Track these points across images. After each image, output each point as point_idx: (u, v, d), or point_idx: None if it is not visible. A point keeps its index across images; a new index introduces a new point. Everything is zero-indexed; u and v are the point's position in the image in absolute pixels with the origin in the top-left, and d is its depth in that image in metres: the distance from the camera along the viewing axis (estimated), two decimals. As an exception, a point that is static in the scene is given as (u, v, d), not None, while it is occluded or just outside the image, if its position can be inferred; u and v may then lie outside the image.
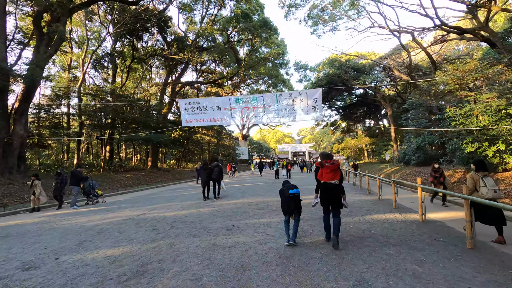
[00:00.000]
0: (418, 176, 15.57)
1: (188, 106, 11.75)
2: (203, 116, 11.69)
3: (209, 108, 11.55)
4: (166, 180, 20.38)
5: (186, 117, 11.92)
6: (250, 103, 11.11)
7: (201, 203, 8.93)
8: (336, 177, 4.36)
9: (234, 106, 11.27)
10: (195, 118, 11.81)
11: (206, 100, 11.81)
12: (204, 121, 11.79)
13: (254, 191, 11.92)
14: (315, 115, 10.62)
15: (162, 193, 13.02)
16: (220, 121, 11.70)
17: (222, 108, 11.39)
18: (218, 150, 36.98)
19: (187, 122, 11.95)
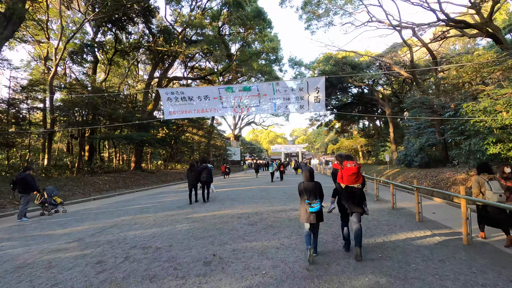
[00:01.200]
0: (424, 179, 14.28)
1: (171, 96, 10.07)
2: (189, 107, 10.05)
3: (196, 98, 9.93)
4: (149, 183, 18.58)
5: (169, 109, 10.25)
6: (242, 92, 9.53)
7: (179, 215, 7.27)
8: (358, 180, 3.98)
9: (225, 95, 9.68)
10: (180, 109, 10.17)
11: (192, 90, 10.17)
12: (191, 112, 10.14)
13: (246, 197, 10.33)
14: (318, 106, 9.11)
15: (139, 199, 11.30)
16: (210, 111, 10.06)
17: (210, 98, 9.78)
18: (209, 150, 35.21)
19: (171, 115, 10.28)
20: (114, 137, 16.52)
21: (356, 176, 3.95)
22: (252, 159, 63.87)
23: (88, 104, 15.81)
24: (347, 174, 3.95)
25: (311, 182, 4.07)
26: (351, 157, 4.18)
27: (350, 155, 4.28)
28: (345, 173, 3.98)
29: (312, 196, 3.93)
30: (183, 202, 9.45)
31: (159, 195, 12.58)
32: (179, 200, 10.12)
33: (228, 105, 9.78)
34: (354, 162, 4.02)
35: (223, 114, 10.14)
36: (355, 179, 3.96)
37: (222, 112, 9.93)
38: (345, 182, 4.00)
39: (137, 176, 19.33)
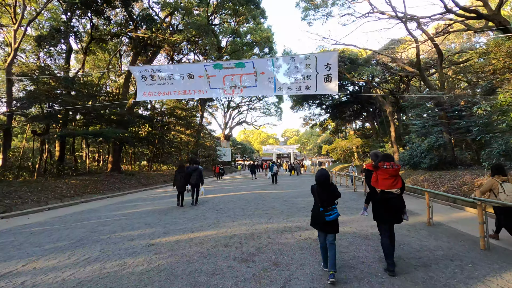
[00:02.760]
0: (438, 183, 12.58)
1: (146, 74, 7.99)
2: (168, 88, 8.01)
3: (177, 77, 7.90)
4: (127, 186, 16.28)
5: (143, 89, 8.19)
6: (235, 70, 7.52)
7: (141, 239, 5.12)
8: (397, 184, 3.44)
9: (213, 74, 7.67)
10: (157, 90, 8.11)
11: (172, 67, 8.12)
12: (170, 94, 8.10)
13: (238, 208, 8.28)
14: (328, 87, 7.23)
15: (104, 209, 9.08)
16: (194, 93, 8.05)
17: (195, 76, 7.77)
18: (197, 150, 32.95)
19: (145, 96, 8.20)
20: (80, 134, 14.15)
21: (395, 179, 3.47)
22: (244, 160, 61.85)
23: (52, 95, 13.44)
24: (383, 177, 3.47)
25: (326, 186, 3.42)
26: (390, 156, 3.64)
27: (389, 154, 3.77)
28: (380, 176, 3.50)
29: (328, 202, 3.37)
30: (155, 216, 7.34)
31: (132, 203, 10.37)
32: (151, 212, 7.99)
33: (217, 85, 7.78)
34: (392, 163, 3.51)
35: (211, 96, 8.20)
36: (393, 183, 3.45)
37: (210, 93, 7.91)
38: (381, 186, 3.49)
39: (113, 179, 16.98)
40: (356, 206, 8.41)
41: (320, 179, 3.41)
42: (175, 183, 8.90)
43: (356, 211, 7.53)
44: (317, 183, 3.44)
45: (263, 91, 7.81)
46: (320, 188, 3.41)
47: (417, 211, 7.41)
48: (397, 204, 3.48)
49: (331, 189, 3.42)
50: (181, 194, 8.95)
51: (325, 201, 3.35)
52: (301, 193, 11.88)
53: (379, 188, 3.52)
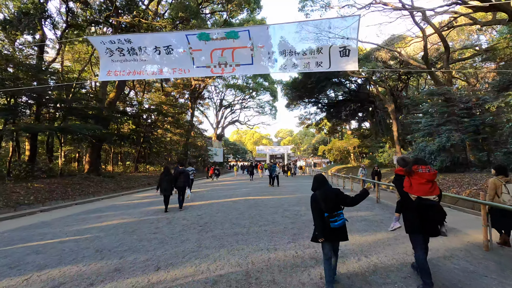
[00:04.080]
0: (458, 187, 11.09)
1: (112, 47, 6.17)
2: (140, 66, 6.25)
3: (151, 52, 6.14)
4: (103, 190, 14.31)
5: (108, 67, 6.38)
6: (225, 42, 5.79)
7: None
8: (435, 190, 3.07)
9: (198, 47, 5.93)
10: (127, 68, 6.32)
11: (146, 38, 6.26)
12: (143, 73, 6.35)
13: (229, 223, 6.49)
14: (347, 62, 5.68)
15: (60, 222, 7.16)
16: (173, 72, 6.32)
17: (175, 51, 6.05)
18: (187, 150, 30.99)
19: (110, 75, 6.40)
20: (39, 129, 12.12)
21: (432, 185, 3.05)
22: (236, 160, 60.09)
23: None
24: (419, 182, 3.07)
25: (328, 189, 3.14)
26: (423, 160, 3.28)
27: (422, 158, 3.67)
28: (415, 181, 3.10)
29: (332, 207, 3.01)
30: (117, 236, 5.51)
31: (100, 212, 8.47)
32: (115, 228, 6.16)
33: (203, 62, 6.03)
34: (428, 167, 3.11)
35: (195, 76, 6.33)
36: (431, 189, 3.02)
37: (194, 73, 6.18)
38: (417, 192, 3.07)
39: (88, 181, 14.97)
40: (375, 218, 6.75)
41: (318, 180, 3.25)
42: (160, 186, 8.25)
43: (378, 225, 5.87)
44: (317, 184, 3.23)
45: (260, 69, 6.11)
46: (321, 190, 3.16)
47: (454, 225, 5.79)
48: (436, 213, 3.08)
49: (333, 191, 3.15)
50: (167, 198, 8.31)
51: (330, 203, 3.04)
52: (303, 199, 10.18)
53: (414, 194, 3.12)
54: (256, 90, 39.94)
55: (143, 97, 26.86)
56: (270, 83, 39.07)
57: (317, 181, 3.28)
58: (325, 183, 3.26)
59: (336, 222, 2.98)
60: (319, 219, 3.07)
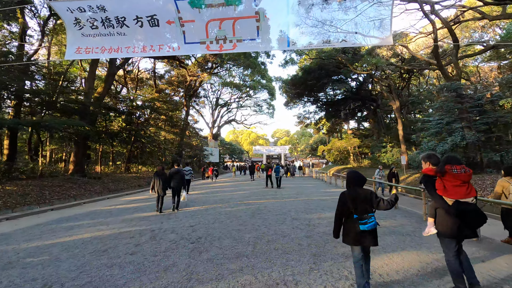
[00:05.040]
0: (481, 190, 10.01)
1: (81, 17, 4.93)
2: (118, 41, 5.04)
3: (131, 23, 4.92)
4: (87, 193, 12.93)
5: (77, 43, 5.16)
6: (225, 10, 4.56)
7: None
8: (471, 192, 2.77)
9: (190, 17, 4.72)
10: (100, 44, 5.09)
11: (124, 3, 4.93)
12: (121, 50, 5.12)
13: (228, 238, 5.22)
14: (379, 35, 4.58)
15: (23, 233, 5.83)
16: (160, 50, 5.09)
17: (161, 22, 4.85)
18: (181, 150, 29.62)
19: (79, 53, 5.19)
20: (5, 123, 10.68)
21: (468, 186, 2.77)
22: (233, 161, 58.81)
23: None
24: (454, 184, 2.76)
25: (360, 189, 2.91)
26: (457, 159, 2.90)
27: (455, 156, 3.05)
28: (449, 183, 2.79)
29: (363, 209, 2.80)
30: (83, 258, 4.22)
31: (74, 221, 7.15)
32: (85, 244, 4.87)
33: (197, 36, 4.81)
34: (463, 166, 2.80)
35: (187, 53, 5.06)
36: (468, 191, 2.74)
37: (185, 50, 4.97)
38: (453, 195, 2.76)
39: (71, 183, 13.57)
40: (403, 229, 5.60)
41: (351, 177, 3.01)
42: (154, 188, 8.04)
43: (413, 239, 4.68)
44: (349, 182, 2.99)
45: (268, 45, 4.91)
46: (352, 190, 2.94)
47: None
48: (476, 217, 2.72)
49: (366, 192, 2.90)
50: (161, 198, 8.08)
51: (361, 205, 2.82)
52: (311, 204, 8.97)
53: (450, 197, 2.77)
54: (253, 88, 38.70)
55: (135, 93, 25.45)
56: (267, 81, 37.85)
57: (350, 178, 3.04)
58: (360, 181, 2.99)
59: (366, 225, 2.77)
60: (347, 221, 2.93)
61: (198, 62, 27.91)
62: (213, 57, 25.81)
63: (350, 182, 3.02)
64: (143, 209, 8.74)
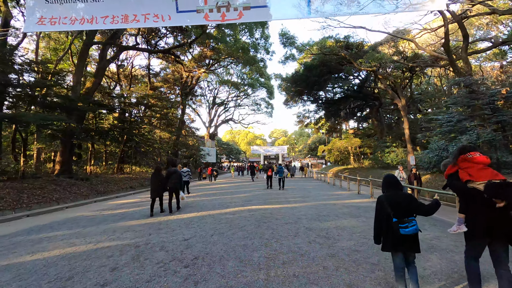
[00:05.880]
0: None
1: None
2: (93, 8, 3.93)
3: None
4: (72, 196, 11.78)
5: (40, 11, 4.02)
6: None
7: None
8: (499, 175, 2.56)
9: None
10: (69, 13, 4.06)
11: None
12: (96, 21, 4.13)
13: (232, 259, 4.17)
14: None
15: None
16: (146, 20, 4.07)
17: None
18: (177, 149, 28.46)
19: (43, 24, 4.18)
20: None
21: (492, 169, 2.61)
22: (230, 161, 57.73)
23: None
24: (477, 168, 2.62)
25: (398, 193, 2.83)
26: (472, 146, 2.90)
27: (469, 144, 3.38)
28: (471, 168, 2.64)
29: (402, 212, 2.66)
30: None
31: (45, 232, 6.03)
32: (41, 272, 3.77)
33: (192, 4, 3.75)
34: (478, 153, 2.75)
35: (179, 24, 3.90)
36: (493, 173, 2.55)
37: (177, 20, 4.04)
38: (481, 178, 2.54)
39: (55, 185, 12.39)
40: (441, 243, 4.59)
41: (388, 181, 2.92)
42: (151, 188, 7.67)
43: (450, 256, 3.65)
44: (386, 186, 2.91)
45: (281, 12, 3.85)
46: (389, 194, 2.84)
47: None
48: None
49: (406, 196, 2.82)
50: (154, 201, 7.68)
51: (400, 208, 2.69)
52: (323, 209, 7.94)
53: (480, 180, 2.54)
54: (252, 86, 37.65)
55: (129, 90, 24.26)
56: (266, 79, 36.84)
57: (387, 182, 2.94)
58: (396, 185, 2.90)
59: (406, 229, 2.59)
60: (386, 226, 2.73)
61: (195, 59, 26.78)
62: (211, 51, 24.71)
63: (387, 185, 2.91)
64: (131, 215, 7.64)
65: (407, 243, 2.64)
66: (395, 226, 2.62)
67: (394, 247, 2.70)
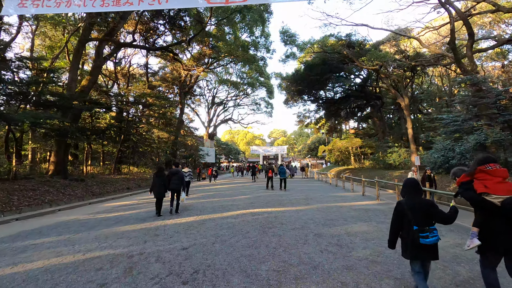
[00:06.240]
0: None
1: None
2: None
3: None
4: (65, 198, 11.29)
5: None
6: None
7: None
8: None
9: None
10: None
11: None
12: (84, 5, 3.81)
13: (236, 268, 3.73)
14: None
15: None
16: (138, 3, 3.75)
17: None
18: (175, 149, 27.98)
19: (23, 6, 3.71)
20: None
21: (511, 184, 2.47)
22: (229, 161, 57.27)
23: None
24: (495, 181, 2.46)
25: (419, 199, 2.73)
26: (491, 157, 2.67)
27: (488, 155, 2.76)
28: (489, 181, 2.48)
29: (424, 220, 2.56)
30: None
31: (32, 238, 5.56)
32: (21, 286, 3.32)
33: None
34: (498, 165, 2.60)
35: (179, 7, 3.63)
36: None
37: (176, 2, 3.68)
38: (500, 192, 2.38)
39: (48, 186, 11.91)
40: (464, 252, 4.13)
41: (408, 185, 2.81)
42: (153, 189, 7.67)
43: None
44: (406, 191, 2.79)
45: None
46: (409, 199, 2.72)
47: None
48: None
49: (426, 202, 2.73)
50: (159, 201, 7.69)
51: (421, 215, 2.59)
52: (330, 213, 7.50)
53: (498, 194, 2.41)
54: (251, 85, 37.21)
55: (126, 89, 23.78)
56: (266, 78, 36.41)
57: (408, 186, 2.81)
58: (418, 190, 2.78)
59: (427, 239, 2.48)
60: (406, 233, 2.66)
61: (194, 57, 26.32)
62: (210, 50, 24.25)
63: (408, 190, 2.80)
64: (127, 220, 7.18)
65: (426, 252, 2.57)
66: (415, 235, 2.51)
67: (413, 255, 2.62)
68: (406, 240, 2.67)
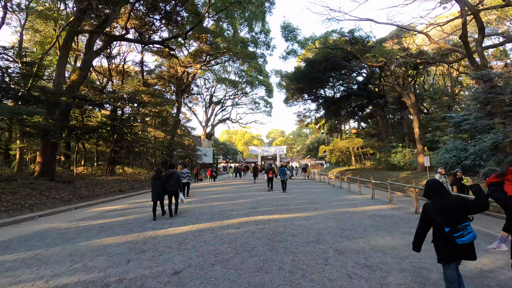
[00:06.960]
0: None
1: None
2: None
3: None
4: (51, 202, 10.29)
5: None
6: None
7: None
8: None
9: None
10: None
11: None
12: None
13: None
14: None
15: None
16: None
17: None
18: (172, 149, 26.99)
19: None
20: None
21: None
22: (227, 162, 56.33)
23: None
24: None
25: (446, 198, 2.55)
26: None
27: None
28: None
29: (455, 219, 2.38)
30: None
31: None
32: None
33: None
34: None
35: None
36: None
37: None
38: None
39: (31, 189, 10.89)
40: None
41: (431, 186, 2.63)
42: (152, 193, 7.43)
43: None
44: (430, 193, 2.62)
45: None
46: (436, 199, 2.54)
47: None
48: None
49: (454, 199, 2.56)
50: (156, 204, 7.41)
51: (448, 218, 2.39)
52: (344, 220, 6.60)
53: None
54: (250, 84, 36.28)
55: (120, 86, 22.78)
56: (265, 77, 35.52)
57: (431, 188, 2.66)
58: (442, 190, 2.61)
59: (463, 237, 2.33)
60: (437, 236, 2.54)
61: (191, 54, 25.36)
62: (208, 47, 23.32)
63: (432, 191, 2.63)
64: (112, 229, 6.24)
65: (464, 251, 2.44)
66: (450, 237, 2.39)
67: (452, 257, 2.48)
68: (440, 244, 2.52)
